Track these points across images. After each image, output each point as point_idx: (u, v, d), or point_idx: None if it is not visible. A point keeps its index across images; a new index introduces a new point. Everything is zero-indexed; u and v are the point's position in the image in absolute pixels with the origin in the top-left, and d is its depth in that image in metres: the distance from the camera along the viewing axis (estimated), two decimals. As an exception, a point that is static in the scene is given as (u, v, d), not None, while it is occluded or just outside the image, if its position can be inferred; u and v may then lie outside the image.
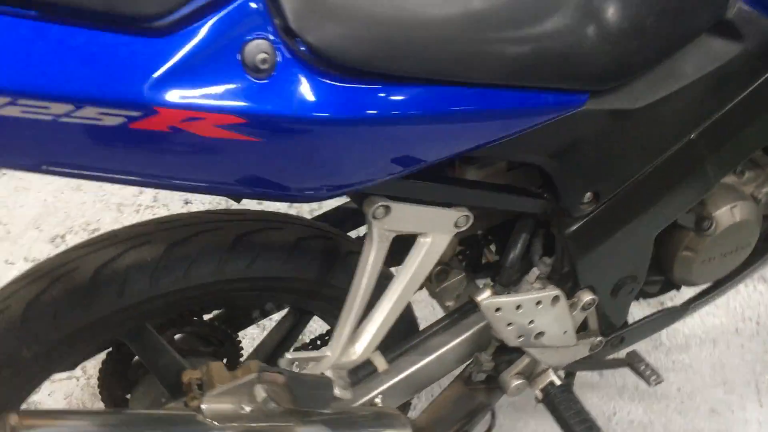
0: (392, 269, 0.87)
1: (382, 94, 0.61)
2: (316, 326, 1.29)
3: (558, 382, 0.98)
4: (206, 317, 1.00)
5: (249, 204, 0.84)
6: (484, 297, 0.87)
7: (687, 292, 1.13)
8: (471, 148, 0.71)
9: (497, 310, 0.86)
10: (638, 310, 1.17)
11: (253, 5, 0.55)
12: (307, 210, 1.65)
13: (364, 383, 0.94)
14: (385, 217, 0.74)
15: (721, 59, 0.77)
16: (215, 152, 0.57)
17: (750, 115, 0.84)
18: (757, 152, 1.02)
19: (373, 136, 0.63)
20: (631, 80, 0.75)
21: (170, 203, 1.78)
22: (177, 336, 0.96)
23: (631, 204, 0.86)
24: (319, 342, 1.07)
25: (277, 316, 1.03)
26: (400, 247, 0.80)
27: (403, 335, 0.96)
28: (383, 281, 0.81)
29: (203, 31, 0.52)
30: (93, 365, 1.21)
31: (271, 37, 0.55)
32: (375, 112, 0.61)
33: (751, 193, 1.01)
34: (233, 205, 0.83)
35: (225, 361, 0.97)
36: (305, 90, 0.57)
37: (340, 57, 0.58)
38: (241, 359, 1.01)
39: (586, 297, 0.92)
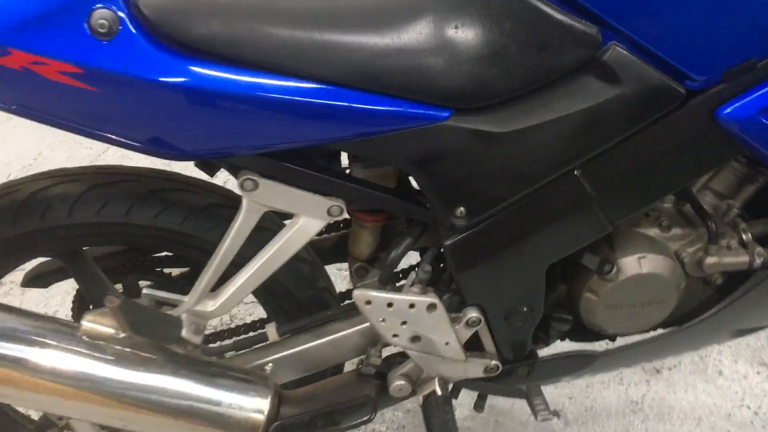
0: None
1: (213, 72, 0.70)
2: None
3: (440, 392, 1.00)
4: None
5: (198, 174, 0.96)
6: (358, 287, 0.92)
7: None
8: (323, 139, 0.78)
9: (367, 302, 0.91)
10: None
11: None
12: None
13: (256, 350, 1.02)
14: (253, 191, 0.83)
15: (595, 98, 0.78)
16: (60, 95, 0.69)
17: (637, 162, 0.83)
18: (690, 211, 0.99)
19: (208, 109, 0.72)
20: (498, 104, 0.79)
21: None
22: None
23: (510, 228, 0.88)
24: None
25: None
26: None
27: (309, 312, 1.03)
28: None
29: None
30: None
31: (115, 8, 0.67)
32: (205, 87, 0.70)
33: (675, 250, 0.97)
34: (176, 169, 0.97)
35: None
36: (139, 55, 0.68)
37: (177, 33, 0.69)
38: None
39: (471, 314, 0.95)
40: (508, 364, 1.03)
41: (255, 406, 0.91)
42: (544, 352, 1.07)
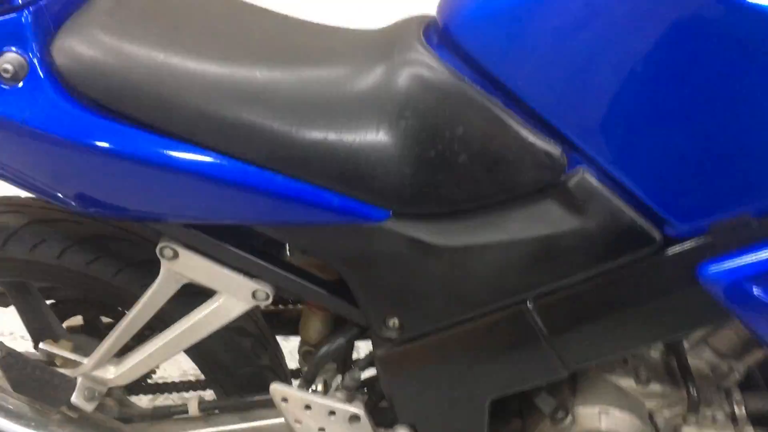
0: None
1: (120, 134, 0.64)
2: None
3: None
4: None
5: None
6: (275, 382, 0.83)
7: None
8: (243, 220, 0.70)
9: (284, 399, 0.82)
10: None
11: (23, 21, 0.62)
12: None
13: (175, 421, 0.94)
14: (173, 260, 0.76)
15: (554, 227, 0.67)
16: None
17: (599, 306, 0.70)
18: (673, 365, 0.84)
19: (111, 172, 0.66)
20: (442, 214, 0.69)
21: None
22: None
23: (448, 352, 0.76)
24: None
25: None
26: None
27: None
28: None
29: None
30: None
31: (24, 53, 0.62)
32: (110, 149, 0.64)
33: (650, 409, 0.83)
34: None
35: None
36: (40, 105, 0.63)
37: (86, 87, 0.63)
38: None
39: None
40: None
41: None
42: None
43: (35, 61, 0.62)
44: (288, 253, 0.87)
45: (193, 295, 0.81)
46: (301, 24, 0.78)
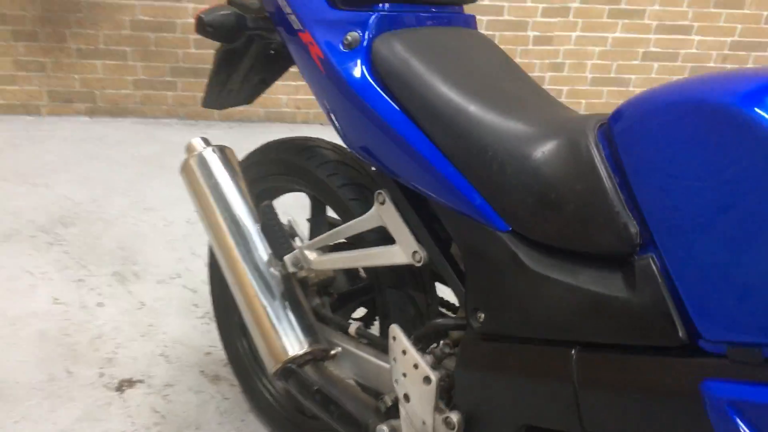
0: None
1: (391, 110, 0.98)
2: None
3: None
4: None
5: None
6: (396, 325, 1.07)
7: None
8: (424, 189, 0.98)
9: (394, 338, 1.05)
10: None
11: (371, 20, 1.02)
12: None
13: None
14: (380, 205, 1.07)
15: (610, 290, 0.80)
16: (311, 67, 1.07)
17: (617, 382, 0.79)
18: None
19: (375, 130, 1.00)
20: (539, 244, 0.87)
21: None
22: None
23: (506, 361, 0.92)
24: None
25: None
26: None
27: None
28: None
29: None
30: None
31: (362, 35, 1.01)
32: (380, 114, 0.98)
33: None
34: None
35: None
36: (355, 68, 1.01)
37: (381, 71, 0.99)
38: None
39: (453, 416, 0.99)
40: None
41: (296, 342, 1.15)
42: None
43: (364, 43, 1.01)
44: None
45: (382, 234, 1.11)
46: (524, 77, 1.05)
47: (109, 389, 1.63)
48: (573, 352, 0.85)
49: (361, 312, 1.42)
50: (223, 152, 1.31)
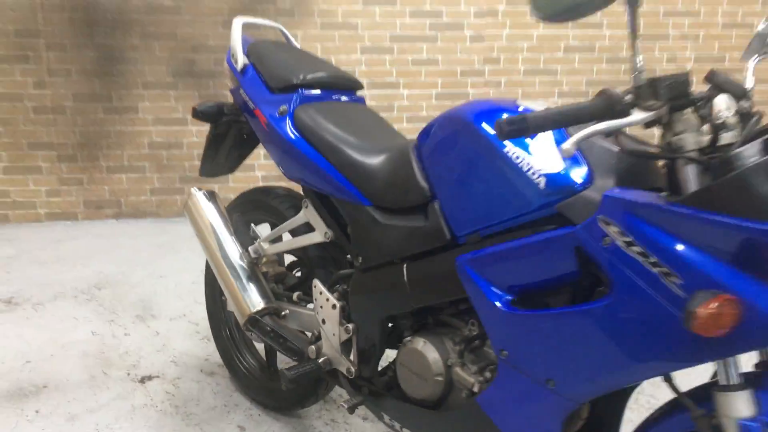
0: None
1: (306, 148, 1.68)
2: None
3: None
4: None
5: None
6: (317, 279, 1.70)
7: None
8: (326, 191, 1.66)
9: (315, 286, 1.68)
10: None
11: (293, 98, 1.74)
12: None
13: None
14: (305, 208, 1.73)
15: (415, 223, 1.45)
16: (258, 128, 1.77)
17: (424, 272, 1.41)
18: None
19: (297, 159, 1.69)
20: (385, 209, 1.52)
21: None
22: None
23: (375, 278, 1.54)
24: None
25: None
26: None
27: None
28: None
29: None
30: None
31: (289, 108, 1.73)
32: (300, 150, 1.68)
33: None
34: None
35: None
36: (286, 126, 1.71)
37: (309, 129, 1.70)
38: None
39: (349, 325, 1.60)
40: (360, 380, 1.61)
41: (258, 302, 1.77)
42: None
43: (290, 111, 1.70)
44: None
45: (307, 226, 1.76)
46: (383, 124, 1.73)
47: (134, 381, 2.21)
48: (404, 264, 1.47)
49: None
50: (211, 193, 1.98)
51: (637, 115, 1.02)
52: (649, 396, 2.11)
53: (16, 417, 2.01)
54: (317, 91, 1.76)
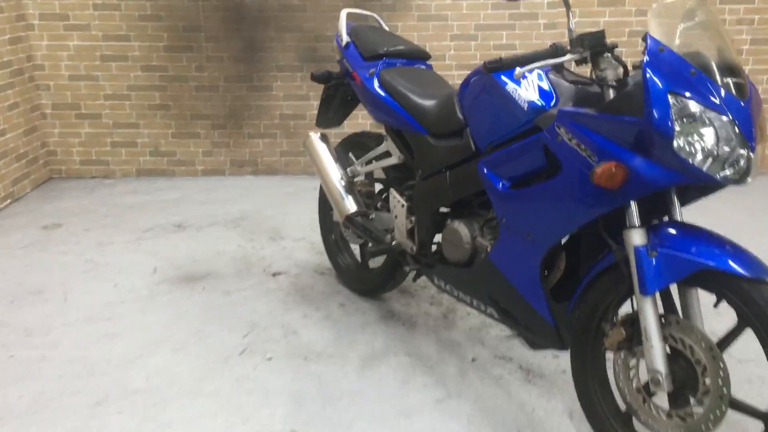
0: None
1: (385, 98, 2.37)
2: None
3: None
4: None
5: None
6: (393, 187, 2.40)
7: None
8: (395, 125, 2.35)
9: (391, 193, 2.37)
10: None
11: (377, 67, 2.45)
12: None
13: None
14: (386, 140, 2.44)
15: (451, 143, 2.09)
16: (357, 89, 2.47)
17: (459, 176, 2.05)
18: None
19: (379, 106, 2.39)
20: (441, 135, 2.18)
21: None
22: None
23: (432, 185, 2.20)
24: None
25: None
26: None
27: None
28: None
29: None
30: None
31: (373, 69, 2.43)
32: (388, 99, 2.39)
33: None
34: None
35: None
36: (372, 81, 2.40)
37: (383, 83, 2.41)
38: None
39: (412, 216, 2.27)
40: (419, 255, 2.27)
41: (352, 207, 2.48)
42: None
43: (376, 73, 2.39)
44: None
45: (387, 153, 2.45)
46: (440, 80, 2.38)
47: (267, 275, 2.99)
48: (447, 172, 2.13)
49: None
50: (323, 135, 2.72)
51: (569, 56, 1.62)
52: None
53: (190, 290, 2.85)
54: (396, 59, 2.43)
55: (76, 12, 4.24)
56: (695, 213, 2.08)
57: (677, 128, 1.43)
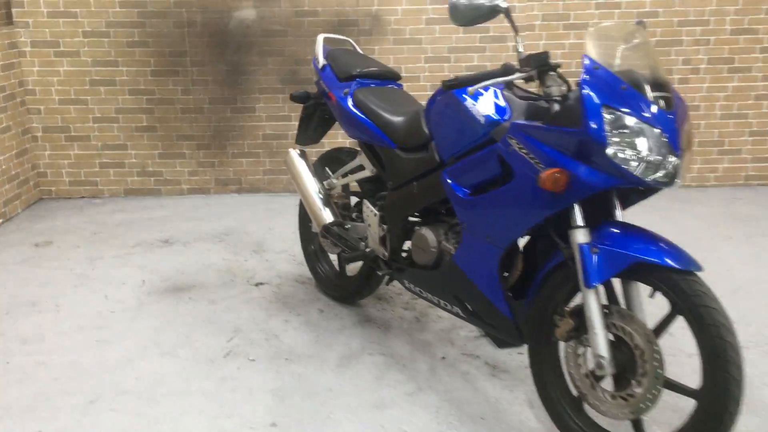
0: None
1: (357, 115, 2.54)
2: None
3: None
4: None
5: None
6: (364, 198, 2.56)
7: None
8: (365, 139, 2.52)
9: (365, 204, 2.53)
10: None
11: (352, 86, 2.62)
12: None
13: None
14: (359, 155, 2.61)
15: (418, 155, 2.26)
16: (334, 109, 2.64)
17: (425, 186, 2.21)
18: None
19: (352, 123, 2.57)
20: (408, 149, 2.35)
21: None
22: None
23: (401, 195, 2.36)
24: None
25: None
26: None
27: None
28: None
29: None
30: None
31: (349, 89, 2.61)
32: (353, 114, 2.57)
33: None
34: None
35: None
36: (346, 103, 2.58)
37: (360, 101, 2.59)
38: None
39: (383, 225, 2.43)
40: (391, 260, 2.43)
41: (328, 217, 2.64)
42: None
43: (350, 93, 2.57)
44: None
45: (361, 167, 2.61)
46: (410, 99, 2.56)
47: (251, 285, 3.13)
48: (415, 182, 2.30)
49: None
50: (302, 151, 2.88)
51: (518, 75, 1.80)
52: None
53: (177, 300, 2.98)
54: (369, 80, 2.61)
55: (66, 39, 4.40)
56: (658, 220, 2.26)
57: (610, 137, 1.61)
